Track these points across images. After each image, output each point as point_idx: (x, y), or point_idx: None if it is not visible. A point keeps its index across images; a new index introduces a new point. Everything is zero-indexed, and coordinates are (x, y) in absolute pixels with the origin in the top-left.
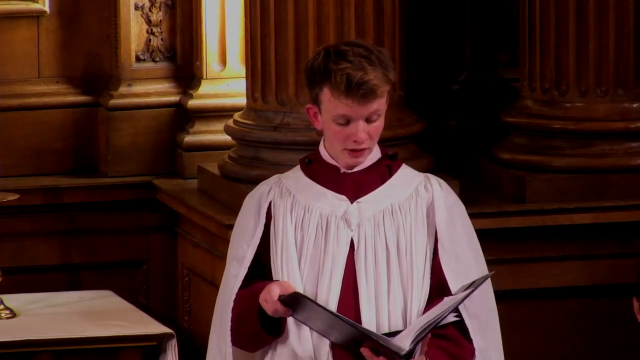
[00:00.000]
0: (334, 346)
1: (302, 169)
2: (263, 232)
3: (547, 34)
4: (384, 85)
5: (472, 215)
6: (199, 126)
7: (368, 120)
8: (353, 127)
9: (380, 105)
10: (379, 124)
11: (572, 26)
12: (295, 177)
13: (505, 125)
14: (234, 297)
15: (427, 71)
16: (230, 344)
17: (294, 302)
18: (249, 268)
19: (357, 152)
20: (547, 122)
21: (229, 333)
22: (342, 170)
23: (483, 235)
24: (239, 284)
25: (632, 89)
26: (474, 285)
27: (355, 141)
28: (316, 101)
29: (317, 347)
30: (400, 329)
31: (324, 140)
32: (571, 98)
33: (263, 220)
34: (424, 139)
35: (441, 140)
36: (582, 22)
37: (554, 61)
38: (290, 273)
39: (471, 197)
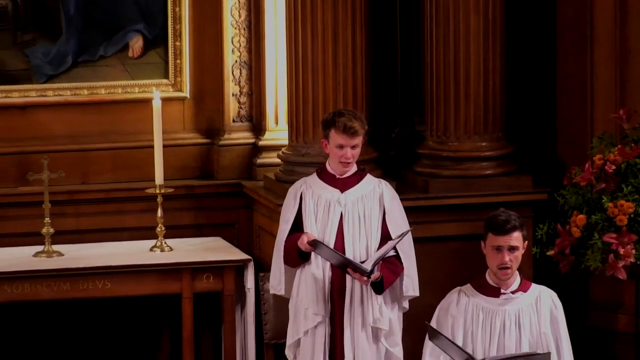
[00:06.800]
0: (332, 267)
1: (317, 174)
2: (298, 208)
3: (439, 106)
4: (361, 130)
5: (402, 199)
6: (264, 154)
7: (352, 148)
8: (344, 151)
9: (359, 141)
10: (357, 151)
11: (452, 102)
12: (313, 179)
13: (419, 154)
14: (284, 240)
15: (379, 126)
16: (283, 264)
17: (315, 244)
18: (291, 226)
19: (345, 164)
20: (439, 152)
21: (282, 258)
22: (337, 176)
23: (408, 210)
24: (286, 234)
25: (482, 135)
26: (401, 235)
27: (345, 158)
28: (327, 137)
29: (324, 268)
30: (365, 258)
31: (328, 161)
32: (451, 140)
33: (298, 201)
34: (378, 161)
35: (386, 162)
36: (457, 101)
37: (443, 121)
38: (311, 229)
39: (401, 190)
